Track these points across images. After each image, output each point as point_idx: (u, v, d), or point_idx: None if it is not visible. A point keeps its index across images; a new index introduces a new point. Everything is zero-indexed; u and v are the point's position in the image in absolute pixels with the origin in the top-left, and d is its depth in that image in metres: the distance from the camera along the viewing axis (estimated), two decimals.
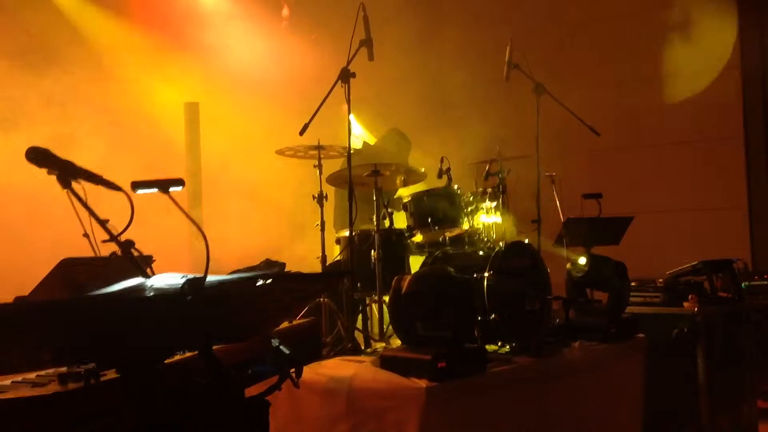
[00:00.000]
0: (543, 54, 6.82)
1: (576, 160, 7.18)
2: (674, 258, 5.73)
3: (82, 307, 1.52)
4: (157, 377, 1.63)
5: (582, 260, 4.87)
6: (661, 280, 5.39)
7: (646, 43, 7.76)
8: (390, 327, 4.51)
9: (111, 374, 1.67)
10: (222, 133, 6.97)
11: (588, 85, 7.52)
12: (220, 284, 1.58)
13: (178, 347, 1.77)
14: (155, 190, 2.47)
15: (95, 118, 6.34)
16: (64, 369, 1.68)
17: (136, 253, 1.99)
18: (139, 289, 1.63)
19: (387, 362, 3.80)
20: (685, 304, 5.01)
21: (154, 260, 4.50)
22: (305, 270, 4.78)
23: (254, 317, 1.81)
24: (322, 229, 4.77)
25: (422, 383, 3.50)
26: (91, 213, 1.94)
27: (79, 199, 1.93)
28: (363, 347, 4.40)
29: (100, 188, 2.30)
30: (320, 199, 4.76)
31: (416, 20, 7.24)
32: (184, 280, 1.57)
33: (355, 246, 4.53)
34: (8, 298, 4.01)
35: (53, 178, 5.13)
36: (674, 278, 5.30)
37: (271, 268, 4.63)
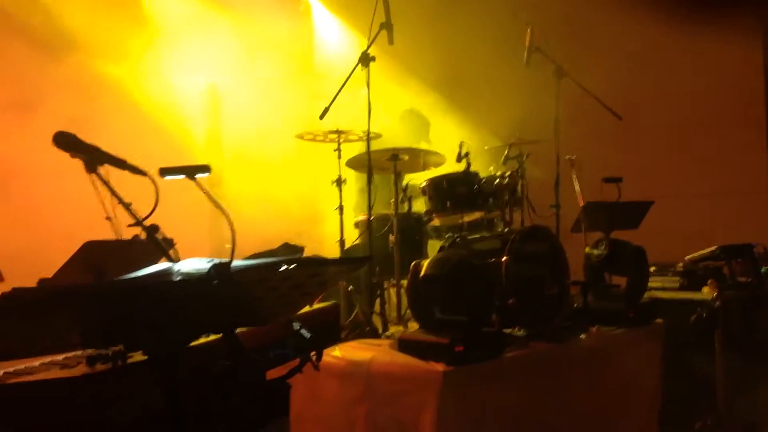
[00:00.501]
0: (563, 36, 6.76)
1: (596, 143, 7.13)
2: (694, 243, 5.69)
3: (112, 291, 1.54)
4: (182, 360, 1.66)
5: (601, 244, 4.85)
6: (680, 264, 5.37)
7: (668, 25, 7.67)
8: (407, 311, 4.54)
9: (138, 356, 1.70)
10: (242, 115, 6.97)
11: (608, 68, 7.44)
12: (246, 269, 1.60)
13: (203, 331, 1.79)
14: (182, 176, 2.50)
15: (114, 100, 6.37)
16: (91, 351, 1.71)
17: (159, 237, 2.01)
18: (166, 273, 1.65)
19: (405, 345, 3.82)
20: (704, 289, 4.99)
21: (176, 243, 4.56)
22: (324, 253, 4.81)
23: (277, 302, 1.83)
24: (341, 213, 4.78)
25: (440, 367, 3.52)
26: (117, 197, 1.96)
27: (106, 183, 1.95)
28: (381, 331, 4.42)
29: (120, 172, 2.33)
30: (339, 183, 4.77)
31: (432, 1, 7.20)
32: (210, 265, 1.59)
33: (373, 230, 4.54)
34: (30, 280, 4.07)
35: (73, 161, 5.17)
36: (693, 263, 5.28)
37: (290, 251, 4.65)
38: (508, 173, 4.73)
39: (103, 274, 4.12)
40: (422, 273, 3.98)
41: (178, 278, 1.63)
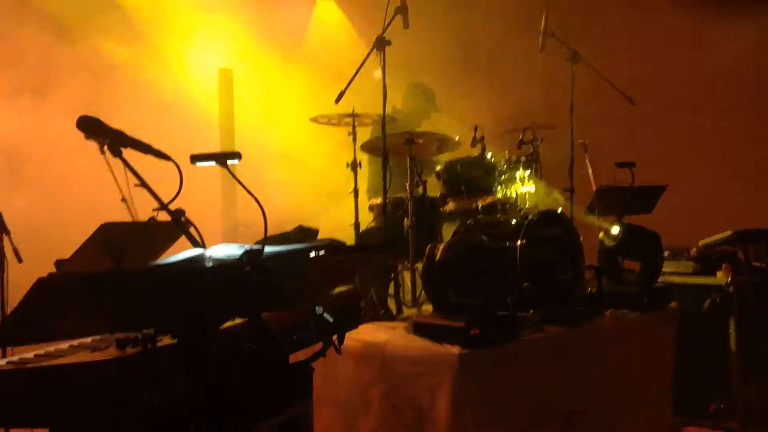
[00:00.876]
0: (576, 20, 6.73)
1: (610, 127, 7.10)
2: (708, 227, 5.68)
3: (150, 277, 1.55)
4: (212, 343, 1.67)
5: (615, 229, 4.85)
6: (694, 249, 5.37)
7: (684, 9, 7.62)
8: (422, 294, 4.56)
9: (167, 340, 1.71)
10: (256, 98, 6.97)
11: (623, 51, 7.41)
12: (276, 255, 1.61)
13: (232, 315, 1.80)
14: (213, 163, 2.52)
15: (128, 84, 6.38)
16: (120, 335, 1.72)
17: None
18: (199, 259, 1.67)
19: (420, 328, 3.84)
20: (718, 273, 4.99)
21: (191, 225, 4.57)
22: (338, 236, 4.81)
23: (305, 287, 1.84)
24: (356, 196, 4.79)
25: (455, 350, 3.55)
26: (141, 181, 1.97)
27: (130, 167, 1.96)
28: (395, 313, 4.43)
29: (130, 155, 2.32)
30: (354, 166, 4.77)
31: None
32: (242, 251, 1.60)
33: (388, 213, 4.54)
34: (46, 260, 4.11)
35: (87, 142, 5.20)
36: (707, 248, 5.27)
37: (305, 234, 4.66)
38: (523, 158, 4.73)
39: (120, 255, 4.15)
40: (438, 257, 4.00)
41: (212, 264, 1.64)
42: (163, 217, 4.48)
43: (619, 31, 7.57)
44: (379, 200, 4.90)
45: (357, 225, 4.72)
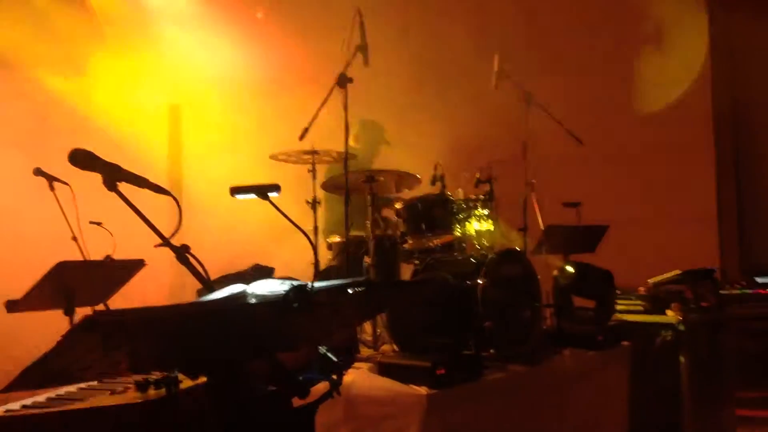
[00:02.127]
0: (532, 57, 6.90)
1: (555, 167, 7.24)
2: (647, 267, 5.82)
3: (193, 314, 1.47)
4: (242, 383, 1.60)
5: (569, 268, 4.92)
6: (642, 288, 5.47)
7: (620, 54, 7.86)
8: (382, 334, 4.51)
9: (187, 382, 1.63)
10: (205, 135, 6.88)
11: (577, 89, 7.56)
12: (321, 291, 1.56)
13: (256, 353, 1.72)
14: (253, 195, 2.48)
15: (70, 116, 6.22)
16: (137, 377, 1.63)
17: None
18: (243, 296, 1.59)
19: (385, 369, 3.79)
20: (669, 312, 5.09)
21: (146, 264, 4.45)
22: (296, 274, 4.73)
23: (335, 323, 1.80)
24: (316, 234, 4.73)
25: (422, 390, 3.51)
26: (140, 215, 1.89)
27: (127, 201, 1.88)
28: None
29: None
30: (314, 204, 4.72)
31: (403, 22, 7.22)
32: (289, 287, 1.54)
33: (348, 252, 4.51)
34: None
35: (33, 179, 5.01)
36: (656, 286, 5.38)
37: (260, 273, 4.59)
38: (481, 196, 4.76)
39: (73, 294, 4.01)
40: None
41: (257, 300, 1.57)
42: (120, 255, 4.37)
43: (573, 69, 7.76)
44: (337, 238, 4.86)
45: (317, 263, 4.65)
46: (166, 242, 1.88)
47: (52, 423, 1.50)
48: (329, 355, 1.88)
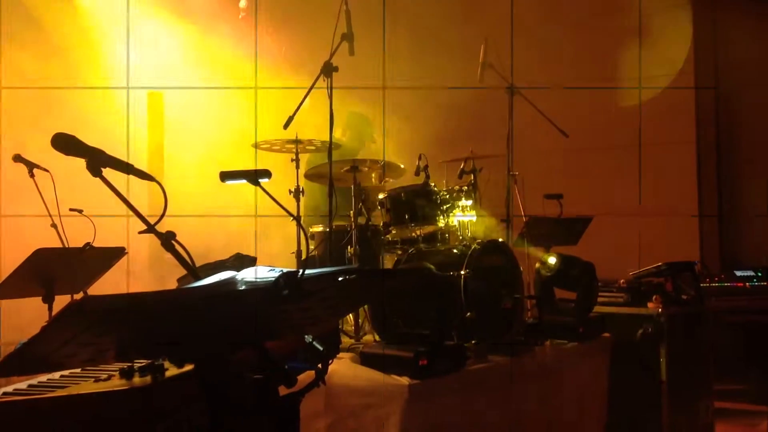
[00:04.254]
0: (517, 50, 6.89)
1: (539, 159, 7.26)
2: (628, 259, 5.85)
3: (191, 300, 1.44)
4: (230, 370, 1.58)
5: (552, 260, 4.93)
6: (623, 280, 5.50)
7: (603, 47, 7.88)
8: (364, 324, 4.51)
9: (172, 370, 1.61)
10: (187, 124, 6.83)
11: (562, 82, 7.56)
12: (310, 279, 1.54)
13: (256, 340, 1.70)
14: (243, 180, 2.45)
15: (43, 100, 6.15)
16: (122, 364, 1.61)
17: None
18: (232, 282, 1.57)
19: (367, 359, 3.79)
20: (650, 304, 5.11)
21: (127, 253, 4.42)
22: (279, 264, 4.71)
23: (325, 312, 1.78)
24: (299, 224, 4.71)
25: (404, 381, 3.51)
26: (126, 202, 1.86)
27: (112, 187, 1.85)
28: None
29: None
30: (297, 193, 4.70)
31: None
32: (278, 274, 1.53)
33: (330, 241, 4.49)
34: None
35: (13, 166, 4.95)
36: (637, 279, 5.41)
37: (243, 262, 4.56)
38: (465, 187, 4.76)
39: (52, 282, 3.98)
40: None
41: (247, 287, 1.55)
42: (99, 243, 4.33)
43: (557, 63, 7.76)
44: (320, 228, 4.84)
45: (299, 252, 4.64)
46: (151, 229, 1.85)
47: (34, 410, 1.48)
48: (315, 344, 1.87)
